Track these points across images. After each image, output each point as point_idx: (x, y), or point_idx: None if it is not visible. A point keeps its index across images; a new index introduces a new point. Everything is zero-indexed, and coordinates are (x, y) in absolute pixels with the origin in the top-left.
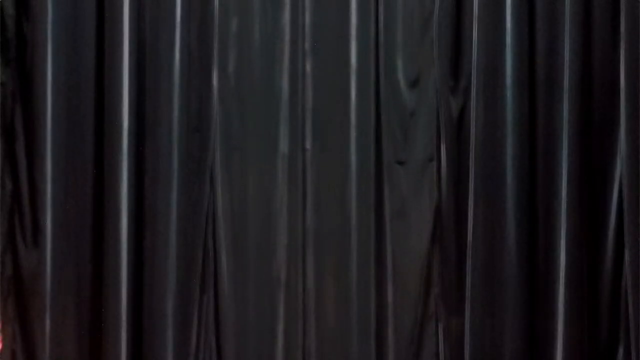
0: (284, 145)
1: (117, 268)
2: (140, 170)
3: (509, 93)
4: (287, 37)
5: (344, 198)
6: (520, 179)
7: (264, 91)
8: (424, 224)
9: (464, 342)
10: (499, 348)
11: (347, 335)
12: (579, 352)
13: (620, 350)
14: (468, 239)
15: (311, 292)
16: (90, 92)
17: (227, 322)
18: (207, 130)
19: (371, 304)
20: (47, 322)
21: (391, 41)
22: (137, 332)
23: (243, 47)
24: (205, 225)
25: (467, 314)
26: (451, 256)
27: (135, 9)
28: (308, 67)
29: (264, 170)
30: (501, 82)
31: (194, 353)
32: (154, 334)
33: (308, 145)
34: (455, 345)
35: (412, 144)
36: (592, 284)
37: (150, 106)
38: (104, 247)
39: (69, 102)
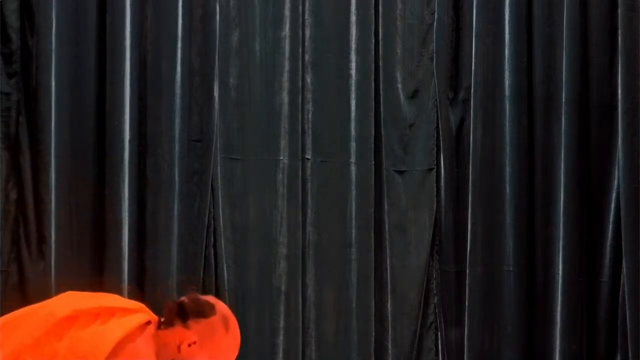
0: (284, 157)
1: (119, 279)
2: (142, 182)
3: (507, 105)
4: (287, 50)
5: (344, 209)
6: (519, 190)
7: (264, 104)
8: (423, 235)
9: (463, 352)
10: (498, 358)
11: (347, 346)
12: None
13: None
14: (467, 248)
15: (311, 304)
16: (93, 105)
17: None
18: (208, 142)
19: (371, 315)
20: None
21: (391, 54)
22: None
23: (244, 60)
24: (206, 237)
25: (466, 324)
26: (450, 267)
27: (137, 23)
28: (308, 80)
29: (265, 182)
30: (500, 94)
31: None
32: None
33: (308, 156)
34: (454, 355)
35: (412, 155)
36: (590, 294)
37: (151, 119)
38: (107, 258)
39: (72, 114)
